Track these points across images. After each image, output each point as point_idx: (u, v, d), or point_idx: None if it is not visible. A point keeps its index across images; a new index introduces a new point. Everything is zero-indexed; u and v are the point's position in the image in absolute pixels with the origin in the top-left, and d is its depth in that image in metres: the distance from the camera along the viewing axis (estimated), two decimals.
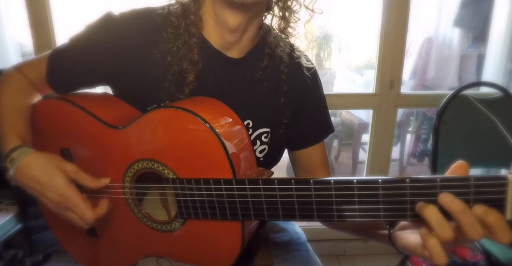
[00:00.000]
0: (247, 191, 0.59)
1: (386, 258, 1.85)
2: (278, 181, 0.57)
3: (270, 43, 0.78)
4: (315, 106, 0.86)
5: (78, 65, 0.74)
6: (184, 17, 0.71)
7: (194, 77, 0.71)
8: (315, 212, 0.56)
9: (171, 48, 0.71)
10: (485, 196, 0.47)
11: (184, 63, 0.70)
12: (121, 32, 0.71)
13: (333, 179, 0.54)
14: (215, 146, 0.61)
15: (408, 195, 0.50)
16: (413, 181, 0.49)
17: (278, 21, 0.76)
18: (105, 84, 0.77)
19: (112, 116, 0.72)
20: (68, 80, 0.76)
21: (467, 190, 0.47)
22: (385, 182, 0.51)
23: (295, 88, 0.81)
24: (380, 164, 1.82)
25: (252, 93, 0.77)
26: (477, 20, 2.42)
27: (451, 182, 0.48)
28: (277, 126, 0.80)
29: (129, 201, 0.72)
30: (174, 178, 0.65)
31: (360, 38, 2.82)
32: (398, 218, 0.53)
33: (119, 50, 0.71)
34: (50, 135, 0.77)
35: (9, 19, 1.69)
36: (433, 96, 1.82)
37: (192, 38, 0.71)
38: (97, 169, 0.71)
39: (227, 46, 0.74)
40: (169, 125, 0.65)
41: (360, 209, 0.53)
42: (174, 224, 0.69)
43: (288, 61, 0.79)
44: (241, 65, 0.76)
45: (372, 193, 0.51)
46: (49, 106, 0.76)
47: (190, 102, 0.69)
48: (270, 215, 0.60)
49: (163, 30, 0.71)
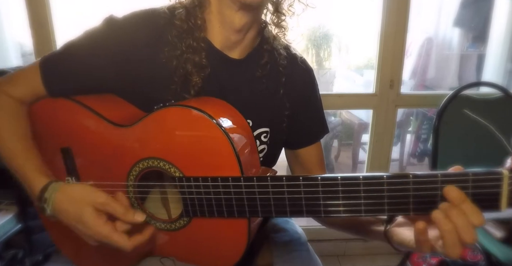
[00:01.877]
0: (255, 188, 0.60)
1: (386, 258, 1.85)
2: (286, 178, 0.59)
3: (268, 38, 0.79)
4: (312, 106, 0.86)
5: (82, 71, 0.72)
6: (189, 21, 0.71)
7: (199, 79, 0.71)
8: (322, 207, 0.58)
9: (176, 52, 0.71)
10: (482, 190, 0.52)
11: (188, 66, 0.70)
12: (125, 35, 0.70)
13: (340, 176, 0.56)
14: (224, 144, 0.62)
15: (411, 190, 0.53)
16: (416, 176, 0.53)
17: (271, 16, 0.77)
18: (110, 88, 0.75)
19: (116, 115, 0.72)
20: (71, 87, 0.74)
21: (465, 184, 0.52)
22: (389, 177, 0.54)
23: (293, 81, 0.82)
24: (380, 164, 1.82)
25: (252, 93, 0.78)
26: (477, 20, 2.42)
27: (451, 177, 0.52)
28: (276, 126, 0.81)
29: (132, 200, 0.72)
30: (181, 176, 0.65)
31: (360, 38, 2.82)
32: (401, 212, 0.57)
33: (124, 53, 0.70)
34: (50, 133, 0.77)
35: (9, 19, 1.69)
36: (433, 96, 1.82)
37: (200, 43, 0.71)
38: (100, 167, 0.71)
39: (230, 46, 0.74)
40: (176, 124, 0.65)
41: (366, 204, 0.56)
42: (179, 222, 0.69)
43: (285, 54, 0.81)
44: (242, 66, 0.76)
45: (378, 188, 0.55)
46: (51, 104, 0.75)
47: (197, 102, 0.69)
48: (278, 211, 0.61)
49: (167, 32, 0.71)
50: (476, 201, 0.51)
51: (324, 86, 2.93)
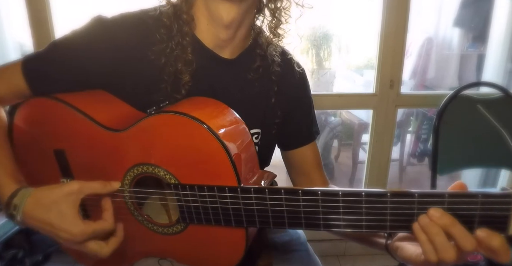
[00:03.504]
0: (252, 199, 0.59)
1: (386, 258, 1.84)
2: (284, 191, 0.57)
3: (262, 44, 0.78)
4: (304, 108, 0.86)
5: (69, 69, 0.70)
6: (176, 17, 0.70)
7: (189, 78, 0.71)
8: (321, 221, 0.57)
9: (165, 50, 0.70)
10: (491, 212, 0.49)
11: (178, 64, 0.70)
12: (113, 34, 0.69)
13: (341, 190, 0.55)
14: (218, 150, 0.60)
15: (415, 209, 0.52)
16: (422, 196, 0.51)
17: (268, 22, 0.76)
18: (98, 87, 0.74)
19: (107, 117, 0.71)
20: (56, 86, 0.72)
21: (474, 206, 0.50)
22: (393, 195, 0.52)
23: (285, 89, 0.81)
24: (380, 164, 1.82)
25: (244, 94, 0.77)
26: (477, 20, 2.42)
27: (459, 198, 0.50)
28: (267, 127, 0.81)
29: (129, 204, 0.71)
30: (176, 184, 0.64)
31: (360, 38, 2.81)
32: (403, 230, 0.55)
33: (113, 52, 0.69)
34: (43, 135, 0.75)
35: (9, 19, 1.69)
36: (433, 96, 1.82)
37: (186, 37, 0.70)
38: (94, 170, 0.70)
39: (220, 45, 0.74)
40: (169, 130, 0.64)
41: (367, 219, 0.55)
42: (176, 227, 0.69)
43: (278, 61, 0.80)
44: (233, 66, 0.76)
45: (380, 206, 0.53)
46: (43, 106, 0.73)
47: (191, 106, 0.68)
48: (276, 223, 0.60)
49: (155, 31, 0.70)
50: (483, 223, 0.50)
51: (324, 86, 2.93)
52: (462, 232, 0.50)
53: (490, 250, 0.48)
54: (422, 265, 0.54)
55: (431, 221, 0.50)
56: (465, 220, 0.50)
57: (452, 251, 0.50)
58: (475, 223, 0.50)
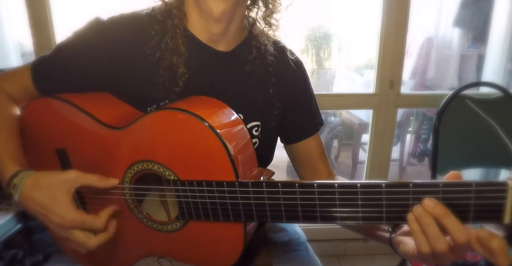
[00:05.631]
0: (250, 193, 0.60)
1: (386, 258, 1.85)
2: (281, 184, 0.58)
3: (257, 35, 0.79)
4: (304, 98, 0.86)
5: (72, 70, 0.74)
6: (168, 12, 0.72)
7: (185, 69, 0.72)
8: (318, 213, 0.57)
9: (159, 44, 0.72)
10: (485, 201, 0.49)
11: (173, 57, 0.71)
12: (111, 34, 0.72)
13: (337, 183, 0.55)
14: (217, 146, 0.61)
15: (410, 199, 0.52)
16: (416, 185, 0.51)
17: (262, 13, 0.77)
18: (100, 87, 0.76)
19: (109, 116, 0.72)
20: (61, 87, 0.75)
21: (468, 195, 0.49)
22: (388, 186, 0.53)
23: (283, 79, 0.82)
24: (380, 164, 1.82)
25: (242, 87, 0.78)
26: (477, 20, 2.42)
27: (453, 187, 0.50)
28: (267, 119, 0.81)
29: (129, 202, 0.72)
30: (175, 180, 0.65)
31: (360, 38, 2.81)
32: (400, 221, 0.55)
33: (112, 52, 0.71)
34: (45, 134, 0.76)
35: (9, 19, 1.69)
36: (433, 96, 1.82)
37: (176, 30, 0.72)
38: (95, 168, 0.71)
39: (214, 39, 0.74)
40: (169, 127, 0.65)
41: (363, 211, 0.55)
42: (175, 224, 0.69)
43: (273, 51, 0.81)
44: (229, 59, 0.77)
45: (376, 197, 0.53)
46: (43, 105, 0.75)
47: (189, 103, 0.69)
48: (273, 217, 0.60)
49: (150, 28, 0.72)
50: (478, 212, 0.50)
51: (324, 86, 2.93)
52: (455, 223, 0.49)
53: (489, 251, 0.48)
54: (417, 258, 0.54)
55: (425, 211, 0.50)
56: (460, 210, 0.50)
57: (444, 241, 0.50)
58: (470, 212, 0.50)
